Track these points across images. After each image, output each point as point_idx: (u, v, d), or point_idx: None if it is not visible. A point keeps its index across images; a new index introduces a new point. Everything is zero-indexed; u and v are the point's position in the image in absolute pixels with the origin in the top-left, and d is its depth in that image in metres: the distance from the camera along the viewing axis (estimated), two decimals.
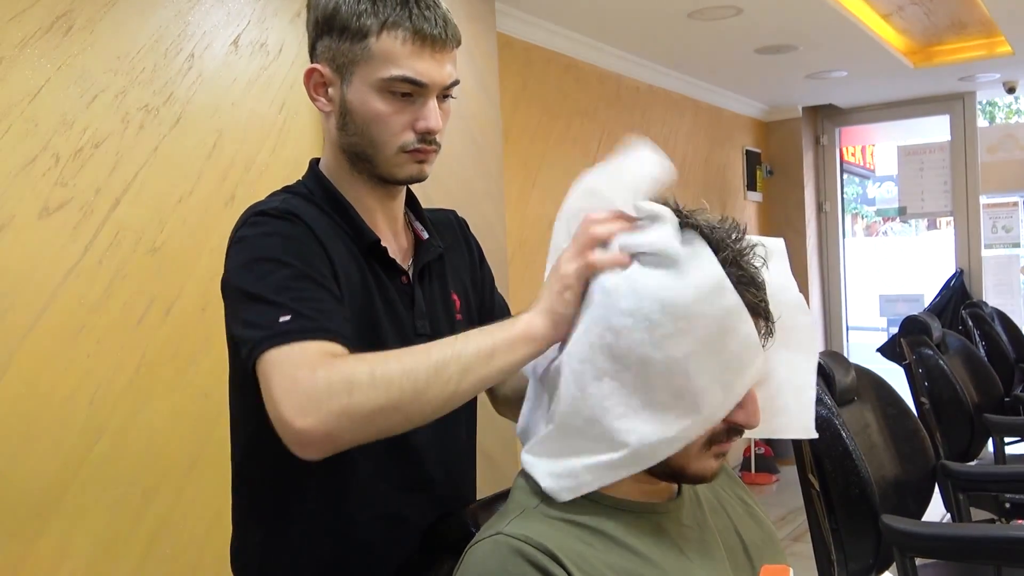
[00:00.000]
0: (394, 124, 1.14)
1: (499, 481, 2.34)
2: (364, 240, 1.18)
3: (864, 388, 2.24)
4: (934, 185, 5.87)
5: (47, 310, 1.90)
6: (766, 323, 0.94)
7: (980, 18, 4.32)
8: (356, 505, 1.15)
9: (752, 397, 0.93)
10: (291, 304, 1.01)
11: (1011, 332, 4.38)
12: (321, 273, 1.07)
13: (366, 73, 1.13)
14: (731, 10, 3.63)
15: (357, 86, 1.14)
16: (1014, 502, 2.69)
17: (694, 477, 0.96)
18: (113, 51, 2.04)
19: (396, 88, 1.12)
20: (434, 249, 1.28)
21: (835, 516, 1.90)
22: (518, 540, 0.87)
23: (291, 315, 1.00)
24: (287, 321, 0.99)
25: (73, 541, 1.92)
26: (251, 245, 1.08)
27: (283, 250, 1.06)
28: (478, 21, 2.88)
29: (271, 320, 1.00)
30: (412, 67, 1.12)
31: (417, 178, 1.20)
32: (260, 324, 1.00)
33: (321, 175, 1.23)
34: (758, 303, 0.93)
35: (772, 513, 4.45)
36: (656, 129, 4.69)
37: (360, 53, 1.12)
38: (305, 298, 1.02)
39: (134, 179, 2.07)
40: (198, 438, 2.15)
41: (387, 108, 1.13)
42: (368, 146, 1.16)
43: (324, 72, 1.17)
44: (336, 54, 1.15)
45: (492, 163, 2.96)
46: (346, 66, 1.14)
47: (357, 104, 1.15)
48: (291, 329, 0.99)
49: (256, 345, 0.99)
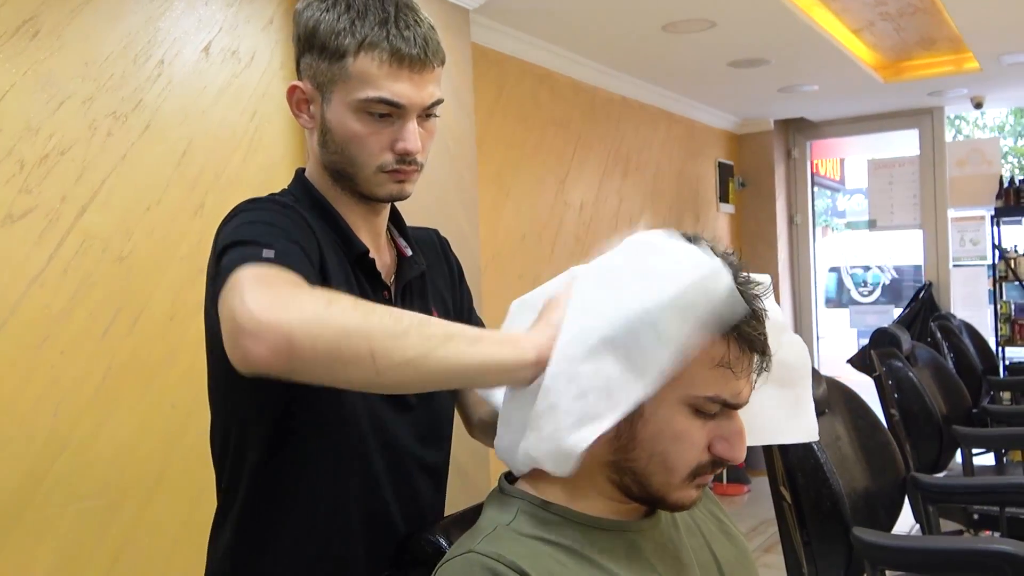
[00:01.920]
0: (372, 145, 1.13)
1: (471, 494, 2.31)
2: (353, 250, 1.17)
3: (835, 400, 2.24)
4: (903, 198, 5.94)
5: (10, 319, 1.87)
6: (762, 357, 0.93)
7: (949, 35, 4.38)
8: (330, 520, 1.13)
9: (738, 431, 0.93)
10: (277, 245, 0.98)
11: (978, 344, 4.44)
12: (305, 245, 1.05)
13: (344, 93, 1.11)
14: (705, 23, 3.65)
15: (335, 106, 1.13)
16: (982, 513, 2.72)
17: (673, 505, 0.95)
18: (81, 56, 2.01)
19: (373, 109, 1.11)
20: (417, 267, 1.27)
21: (807, 529, 1.90)
22: (490, 559, 0.85)
23: (275, 251, 0.96)
24: (270, 255, 0.95)
25: (36, 554, 1.88)
26: (239, 219, 1.06)
27: (271, 218, 1.05)
28: (453, 31, 2.88)
29: (254, 252, 0.95)
30: (389, 88, 1.10)
31: (397, 197, 1.19)
32: (241, 257, 0.94)
33: (308, 184, 1.22)
34: (757, 337, 0.92)
35: (743, 524, 4.46)
36: (630, 141, 4.71)
37: (338, 73, 1.11)
38: (292, 251, 1.00)
39: (101, 187, 2.04)
40: (165, 449, 2.12)
41: (364, 129, 1.12)
42: (348, 165, 1.15)
43: (305, 89, 1.16)
44: (316, 72, 1.13)
45: (466, 173, 2.95)
46: (325, 85, 1.13)
47: (336, 123, 1.13)
48: (274, 257, 0.94)
49: (232, 266, 0.91)
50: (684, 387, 0.89)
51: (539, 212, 3.88)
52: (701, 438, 0.91)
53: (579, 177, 4.23)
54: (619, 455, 0.92)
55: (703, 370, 0.89)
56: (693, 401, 0.90)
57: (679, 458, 0.91)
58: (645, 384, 0.87)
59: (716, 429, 0.92)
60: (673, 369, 0.87)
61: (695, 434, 0.91)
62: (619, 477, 0.93)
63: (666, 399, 0.90)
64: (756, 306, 0.92)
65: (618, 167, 4.60)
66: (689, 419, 0.90)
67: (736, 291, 0.88)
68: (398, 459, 1.18)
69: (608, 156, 4.51)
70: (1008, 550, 1.66)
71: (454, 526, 1.08)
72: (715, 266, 0.88)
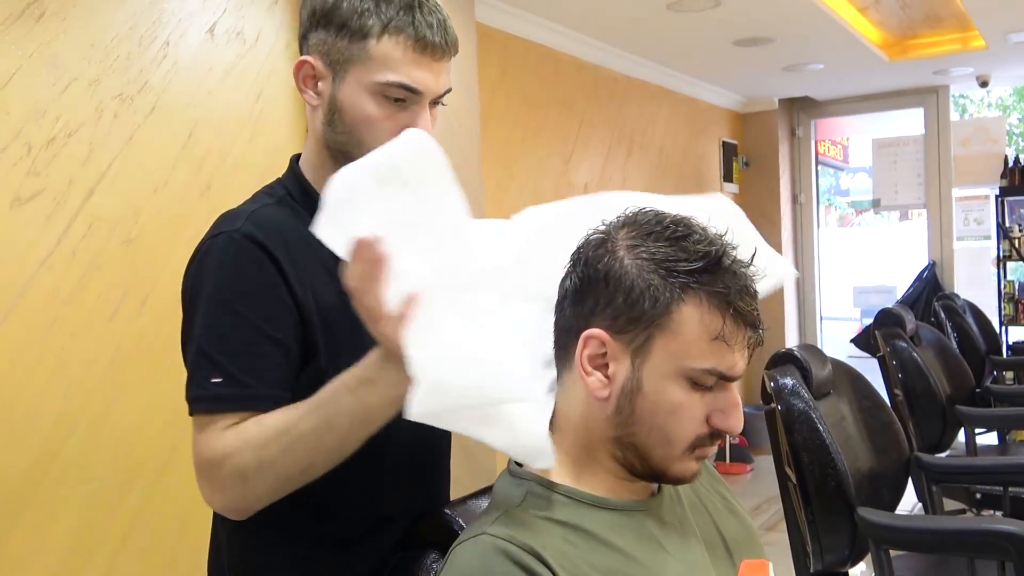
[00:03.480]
0: (384, 129, 1.11)
1: (476, 472, 2.34)
2: None
3: (840, 381, 2.25)
4: (908, 178, 5.93)
5: (19, 302, 1.87)
6: (755, 332, 0.94)
7: (955, 12, 4.36)
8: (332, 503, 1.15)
9: (734, 403, 0.94)
10: (226, 364, 1.05)
11: (982, 324, 4.44)
12: (270, 318, 1.07)
13: (361, 74, 1.10)
14: (710, 2, 3.63)
15: (350, 85, 1.11)
16: (985, 493, 2.73)
17: (675, 478, 0.96)
18: (86, 38, 2.01)
19: (390, 93, 1.10)
20: None
21: (811, 508, 1.91)
22: (503, 540, 0.87)
23: (222, 377, 1.04)
24: (217, 384, 1.04)
25: (48, 535, 1.90)
26: (204, 276, 1.09)
27: (233, 292, 1.07)
28: (457, 11, 2.87)
29: (204, 378, 1.05)
30: (410, 74, 1.10)
31: None
32: (195, 378, 1.07)
33: (301, 175, 1.21)
34: (750, 312, 0.93)
35: (747, 502, 4.48)
36: (634, 120, 4.70)
37: (357, 53, 1.10)
38: (244, 356, 1.05)
39: (108, 169, 2.04)
40: (173, 431, 2.13)
41: (379, 112, 1.11)
42: (355, 146, 1.13)
43: (316, 65, 1.13)
44: (331, 49, 1.11)
45: (470, 153, 2.95)
46: (340, 63, 1.11)
47: (348, 103, 1.12)
48: (217, 396, 1.04)
49: (190, 401, 1.06)
50: (681, 360, 0.91)
51: (544, 192, 3.88)
52: (699, 411, 0.93)
53: (583, 157, 4.23)
54: (620, 430, 0.94)
55: (700, 343, 0.91)
56: (690, 374, 0.91)
57: (678, 431, 0.93)
58: None
59: (713, 402, 0.93)
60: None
61: (693, 407, 0.92)
62: (622, 453, 0.95)
63: (664, 373, 0.91)
64: (749, 283, 0.93)
65: (622, 146, 4.59)
66: (686, 392, 0.92)
67: None
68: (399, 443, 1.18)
69: (612, 135, 4.50)
70: (1011, 530, 1.67)
71: (465, 508, 1.09)
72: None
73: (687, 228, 0.94)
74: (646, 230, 0.94)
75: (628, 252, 0.93)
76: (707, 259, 0.91)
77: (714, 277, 0.91)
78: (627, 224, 0.95)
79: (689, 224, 0.94)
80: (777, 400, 1.96)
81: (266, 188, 1.21)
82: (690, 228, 0.94)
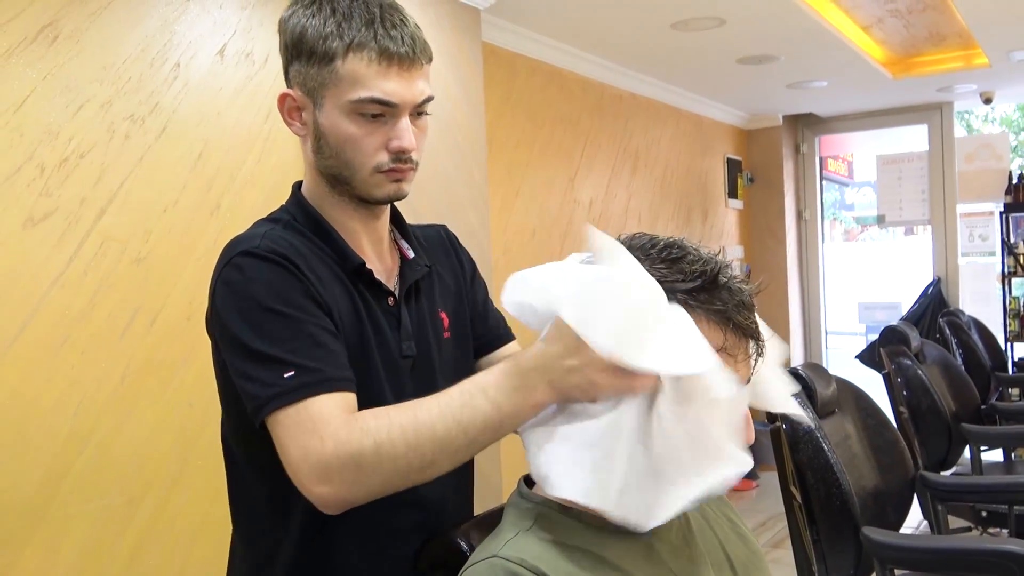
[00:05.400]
0: (367, 145, 1.13)
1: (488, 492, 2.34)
2: (349, 264, 1.17)
3: (844, 400, 2.26)
4: (912, 194, 5.94)
5: (32, 321, 1.90)
6: (756, 343, 0.97)
7: (958, 30, 4.38)
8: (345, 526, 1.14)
9: (746, 417, 0.96)
10: (292, 358, 1.02)
11: (987, 341, 4.45)
12: (315, 314, 1.07)
13: (335, 96, 1.12)
14: (714, 21, 3.66)
15: (328, 110, 1.13)
16: (991, 511, 2.74)
17: None
18: (99, 61, 2.04)
19: (366, 110, 1.12)
20: (420, 268, 1.27)
21: (816, 527, 1.92)
22: (513, 563, 0.88)
23: (294, 370, 1.01)
24: (291, 377, 1.01)
25: (59, 551, 1.92)
26: (240, 292, 1.07)
27: (274, 298, 1.06)
28: (464, 31, 2.90)
29: (275, 376, 1.01)
30: (380, 87, 1.11)
31: (395, 197, 1.19)
32: (263, 380, 1.02)
33: (303, 200, 1.22)
34: (749, 325, 0.95)
35: (752, 520, 4.48)
36: (638, 137, 4.72)
37: (328, 77, 1.12)
38: (305, 348, 1.03)
39: (119, 189, 2.06)
40: (183, 448, 2.15)
41: (358, 130, 1.13)
42: (344, 168, 1.15)
43: (296, 97, 1.16)
44: (306, 78, 1.14)
45: (476, 172, 2.97)
46: (316, 90, 1.13)
47: (329, 127, 1.14)
48: (296, 386, 1.01)
49: (263, 404, 1.02)
50: None
51: (549, 209, 3.90)
52: None
53: (588, 174, 4.25)
54: None
55: None
56: None
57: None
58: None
59: None
60: None
61: None
62: None
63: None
64: (745, 298, 0.96)
65: (627, 164, 4.61)
66: None
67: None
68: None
69: (617, 153, 4.53)
70: (1014, 550, 1.68)
71: (476, 529, 1.10)
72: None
73: (682, 249, 0.96)
74: (642, 253, 0.96)
75: None
76: (703, 278, 0.94)
77: (711, 295, 0.93)
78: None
79: (683, 245, 0.97)
80: (782, 419, 1.98)
81: (268, 216, 1.22)
82: (684, 249, 0.96)
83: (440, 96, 2.75)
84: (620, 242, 0.97)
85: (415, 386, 1.19)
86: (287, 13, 1.17)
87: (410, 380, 1.19)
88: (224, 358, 1.10)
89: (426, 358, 1.22)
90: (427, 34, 1.18)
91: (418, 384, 1.19)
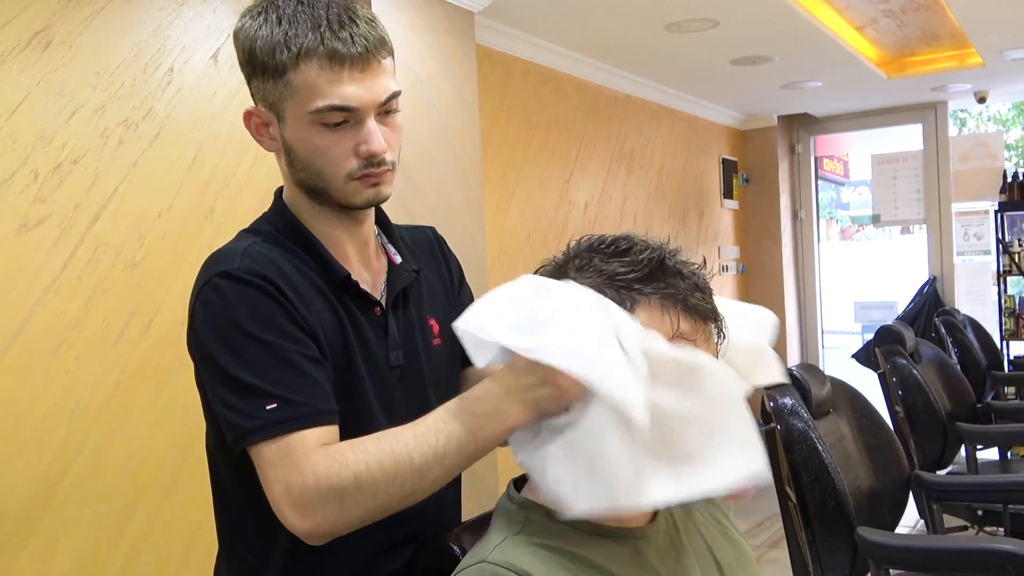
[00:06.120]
0: (335, 154, 1.10)
1: (480, 493, 2.33)
2: (334, 276, 1.15)
3: (839, 400, 2.27)
4: (907, 193, 5.95)
5: (26, 327, 1.90)
6: (716, 324, 0.99)
7: (951, 30, 4.39)
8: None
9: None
10: (275, 389, 1.01)
11: (983, 339, 4.45)
12: (299, 340, 1.05)
13: (295, 109, 1.08)
14: (708, 23, 3.66)
15: (291, 123, 1.10)
16: (986, 510, 2.74)
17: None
18: (92, 66, 2.04)
19: (327, 119, 1.08)
20: (407, 275, 1.24)
21: (812, 528, 1.92)
22: (502, 568, 0.88)
23: (277, 402, 1.00)
24: (273, 410, 1.00)
25: (54, 557, 1.92)
26: (220, 315, 1.05)
27: (256, 324, 1.03)
28: (458, 34, 2.90)
29: (257, 408, 1.00)
30: (336, 94, 1.06)
31: (375, 201, 1.15)
32: (245, 411, 1.01)
33: (286, 210, 1.19)
34: (704, 306, 0.97)
35: (748, 519, 4.48)
36: (633, 139, 4.73)
37: (284, 90, 1.08)
38: (288, 379, 1.02)
39: (113, 194, 2.07)
40: (178, 453, 2.15)
41: (323, 140, 1.09)
42: (317, 179, 1.12)
43: (261, 112, 1.13)
44: (265, 93, 1.10)
45: (471, 174, 2.97)
46: (276, 104, 1.10)
47: (296, 141, 1.11)
48: (278, 420, 0.99)
49: (244, 436, 1.01)
50: None
51: (544, 212, 3.91)
52: None
53: (583, 176, 4.26)
54: None
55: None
56: None
57: None
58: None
59: None
60: None
61: None
62: None
63: None
64: (698, 281, 0.98)
65: (622, 165, 4.62)
66: None
67: None
68: None
69: (612, 155, 4.53)
70: (1009, 549, 1.68)
71: (465, 534, 1.11)
72: None
73: (629, 241, 0.99)
74: (593, 251, 0.99)
75: (579, 273, 0.97)
76: (651, 265, 0.96)
77: (662, 281, 0.95)
78: (575, 251, 1.01)
79: (631, 238, 0.99)
80: (776, 420, 1.98)
81: (250, 227, 1.19)
82: (632, 241, 0.99)
83: (434, 99, 2.76)
84: (575, 243, 1.02)
85: (405, 396, 1.18)
86: (237, 26, 1.12)
87: (399, 390, 1.18)
88: (204, 381, 1.08)
89: (415, 367, 1.21)
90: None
91: (408, 394, 1.18)
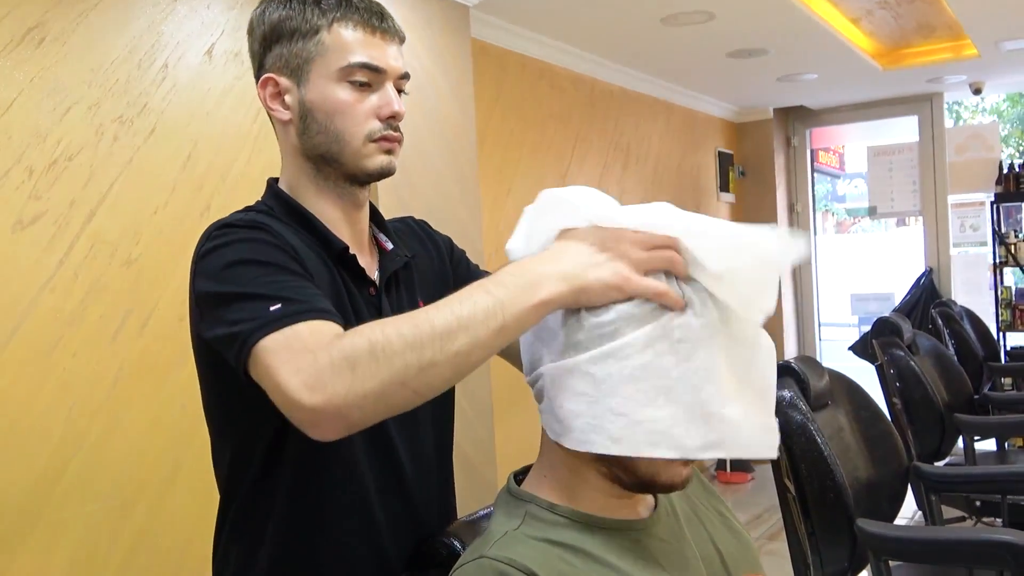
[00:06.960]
0: (358, 113, 1.15)
1: (479, 486, 2.33)
2: (333, 249, 1.16)
3: (837, 392, 2.27)
4: (903, 185, 5.96)
5: (23, 324, 1.89)
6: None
7: (947, 22, 4.39)
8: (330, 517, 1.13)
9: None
10: (277, 293, 0.98)
11: (979, 330, 4.45)
12: (299, 271, 1.05)
13: (323, 67, 1.14)
14: (703, 15, 3.66)
15: (315, 82, 1.15)
16: (984, 501, 2.75)
17: (664, 486, 0.96)
18: (87, 63, 2.03)
19: (355, 76, 1.14)
20: (399, 258, 1.26)
21: (811, 520, 1.92)
22: (502, 563, 0.88)
23: (280, 303, 0.97)
24: (277, 309, 0.96)
25: (53, 554, 1.91)
26: (221, 254, 1.04)
27: (256, 252, 1.04)
28: (453, 28, 2.89)
29: (261, 311, 0.97)
30: (368, 53, 1.14)
31: (387, 169, 1.18)
32: (249, 318, 0.97)
33: (280, 192, 1.21)
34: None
35: (748, 512, 4.49)
36: (629, 132, 4.72)
37: (314, 48, 1.14)
38: (290, 286, 1.00)
39: (109, 191, 2.06)
40: (176, 450, 2.15)
41: (349, 97, 1.15)
42: (334, 142, 1.15)
43: (279, 80, 1.17)
44: (289, 58, 1.15)
45: (467, 169, 2.97)
46: (301, 66, 1.15)
47: (318, 100, 1.15)
48: (284, 314, 0.96)
49: (249, 335, 0.95)
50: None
51: None
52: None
53: (580, 170, 4.25)
54: None
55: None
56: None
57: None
58: None
59: None
60: None
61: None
62: (608, 468, 0.96)
63: None
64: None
65: (618, 159, 4.61)
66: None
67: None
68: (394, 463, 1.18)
69: (608, 148, 4.52)
70: (1008, 539, 1.68)
71: (466, 529, 1.10)
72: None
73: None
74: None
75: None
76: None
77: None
78: None
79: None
80: (775, 412, 1.98)
81: (247, 208, 1.20)
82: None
83: (430, 94, 2.75)
84: None
85: None
86: (258, 10, 1.19)
87: None
88: (202, 331, 1.06)
89: None
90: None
91: None
